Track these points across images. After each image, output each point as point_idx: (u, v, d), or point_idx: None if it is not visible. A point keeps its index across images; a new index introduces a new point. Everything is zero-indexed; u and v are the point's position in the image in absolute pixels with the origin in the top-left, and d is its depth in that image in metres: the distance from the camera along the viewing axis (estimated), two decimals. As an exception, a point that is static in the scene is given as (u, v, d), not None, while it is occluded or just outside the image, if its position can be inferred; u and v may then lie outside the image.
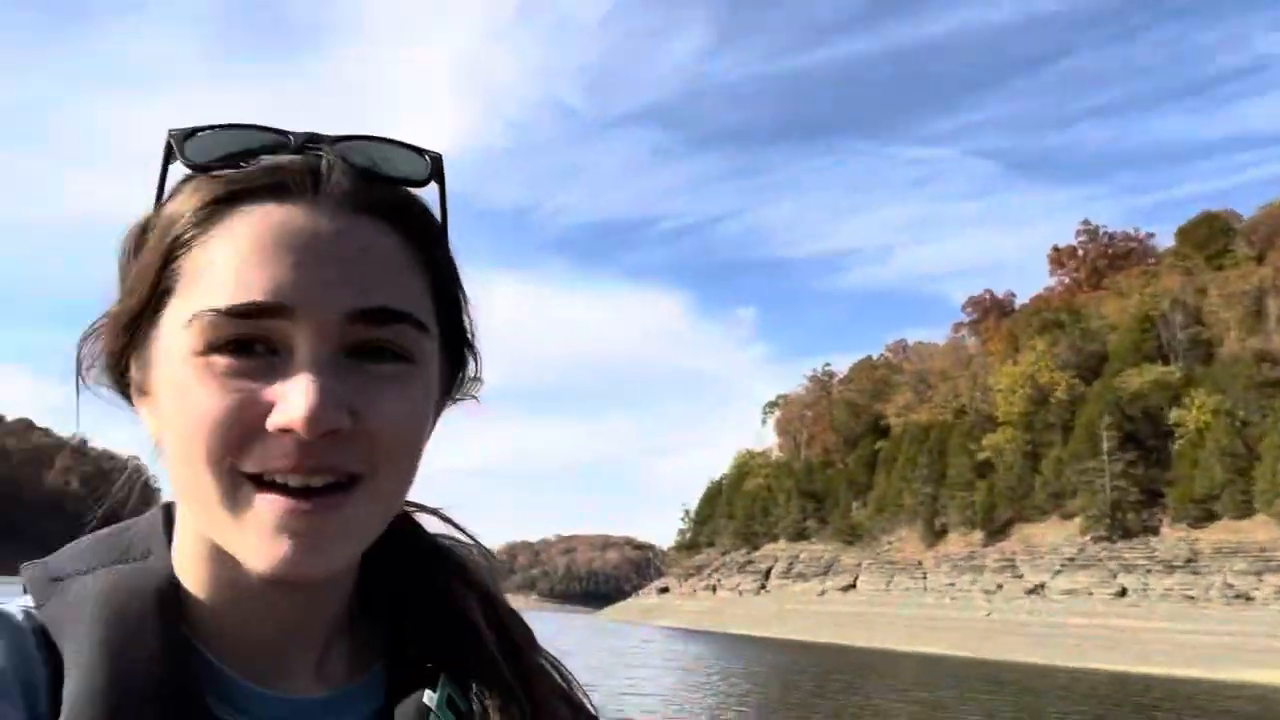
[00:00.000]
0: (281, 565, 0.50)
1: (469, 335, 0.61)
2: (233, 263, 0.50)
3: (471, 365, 0.62)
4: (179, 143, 0.53)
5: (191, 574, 0.56)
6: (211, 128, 0.53)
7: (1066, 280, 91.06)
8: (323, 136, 0.54)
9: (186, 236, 0.52)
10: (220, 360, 0.50)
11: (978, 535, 71.75)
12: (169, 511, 0.59)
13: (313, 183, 0.52)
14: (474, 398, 0.63)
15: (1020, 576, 65.13)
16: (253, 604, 0.55)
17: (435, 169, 0.56)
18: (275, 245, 0.50)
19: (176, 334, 0.51)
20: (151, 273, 0.52)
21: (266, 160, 0.53)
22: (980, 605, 63.18)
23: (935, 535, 75.23)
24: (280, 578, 0.51)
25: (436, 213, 0.58)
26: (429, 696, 0.58)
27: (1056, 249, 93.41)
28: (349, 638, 0.61)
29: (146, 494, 0.62)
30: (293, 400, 0.49)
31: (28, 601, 0.54)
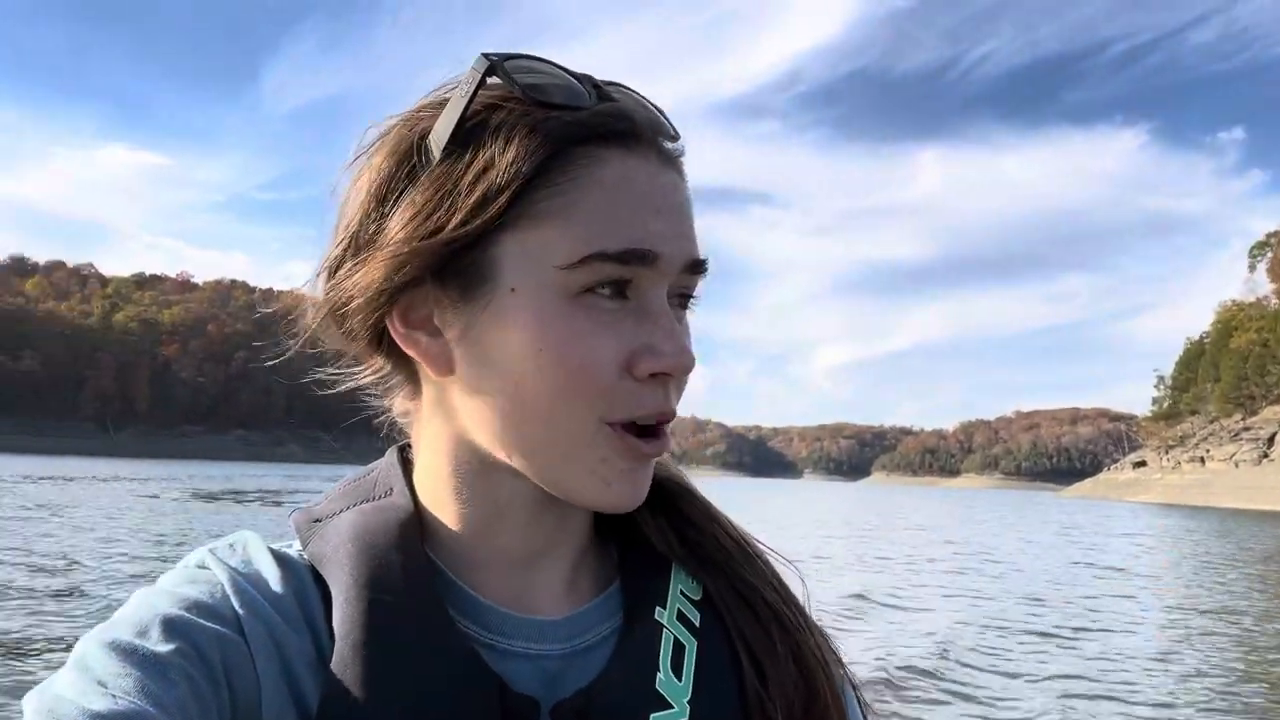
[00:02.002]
0: (619, 501, 0.56)
1: None
2: (605, 207, 0.52)
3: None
4: (504, 72, 0.54)
5: (441, 508, 0.60)
6: (532, 58, 0.55)
7: None
8: (607, 81, 0.57)
9: (539, 171, 0.52)
10: (601, 303, 0.53)
11: None
12: (404, 453, 0.65)
13: (648, 133, 0.55)
14: None
15: None
16: (510, 533, 0.59)
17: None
18: (640, 194, 0.53)
19: (540, 272, 0.52)
20: (497, 205, 0.52)
21: (609, 107, 0.55)
22: None
23: None
24: (625, 509, 0.57)
25: None
26: (659, 613, 0.61)
27: None
28: (589, 560, 0.65)
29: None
30: (666, 348, 0.53)
31: (297, 544, 0.61)
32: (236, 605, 0.53)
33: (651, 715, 0.57)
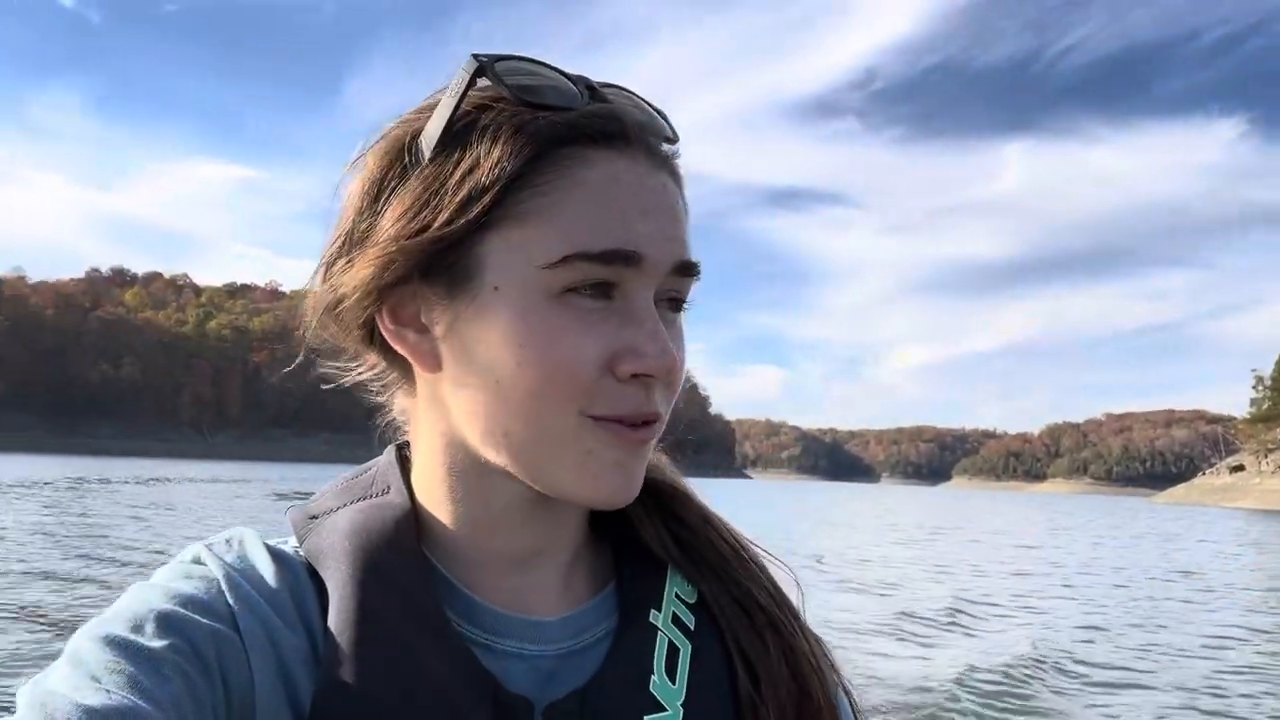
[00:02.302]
0: (610, 495, 0.55)
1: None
2: (588, 208, 0.52)
3: None
4: (493, 74, 0.54)
5: (437, 506, 0.60)
6: (523, 60, 0.54)
7: None
8: (600, 83, 0.56)
9: (523, 172, 0.52)
10: (583, 302, 0.53)
11: None
12: (401, 451, 0.65)
13: (638, 134, 0.55)
14: None
15: None
16: (505, 533, 0.59)
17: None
18: (627, 195, 0.53)
19: (522, 271, 0.52)
20: (481, 204, 0.52)
21: (599, 108, 0.54)
22: None
23: None
24: (614, 505, 0.56)
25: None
26: (654, 616, 0.62)
27: None
28: (584, 561, 0.65)
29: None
30: (649, 349, 0.53)
31: (293, 541, 0.61)
32: (231, 601, 0.53)
33: (645, 718, 0.57)
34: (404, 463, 0.64)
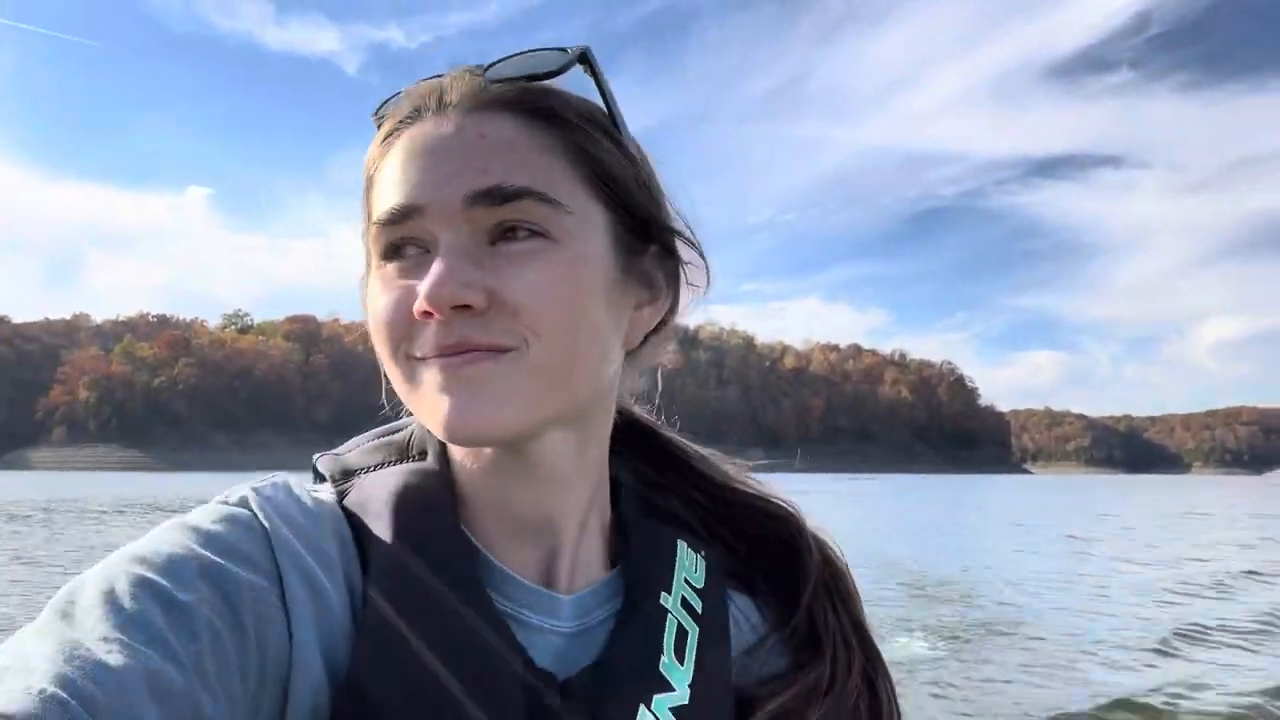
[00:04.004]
0: (447, 426, 0.56)
1: (666, 224, 0.64)
2: (385, 183, 0.59)
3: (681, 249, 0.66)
4: (380, 105, 0.63)
5: (462, 473, 0.64)
6: (400, 92, 0.62)
7: None
8: (476, 66, 0.61)
9: (371, 171, 0.61)
10: (386, 265, 0.58)
11: None
12: None
13: (438, 101, 0.59)
14: (694, 285, 0.68)
15: None
16: (491, 493, 0.62)
17: (571, 60, 0.60)
18: (409, 158, 0.58)
19: (369, 253, 0.61)
20: (365, 221, 0.61)
21: (394, 99, 0.61)
22: None
23: None
24: (451, 439, 0.57)
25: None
26: (664, 598, 0.65)
27: None
28: (593, 538, 0.67)
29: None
30: (422, 289, 0.55)
31: (329, 490, 0.63)
32: (276, 554, 0.54)
33: (654, 696, 0.60)
34: None
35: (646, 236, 0.64)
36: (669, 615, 0.64)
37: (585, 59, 0.60)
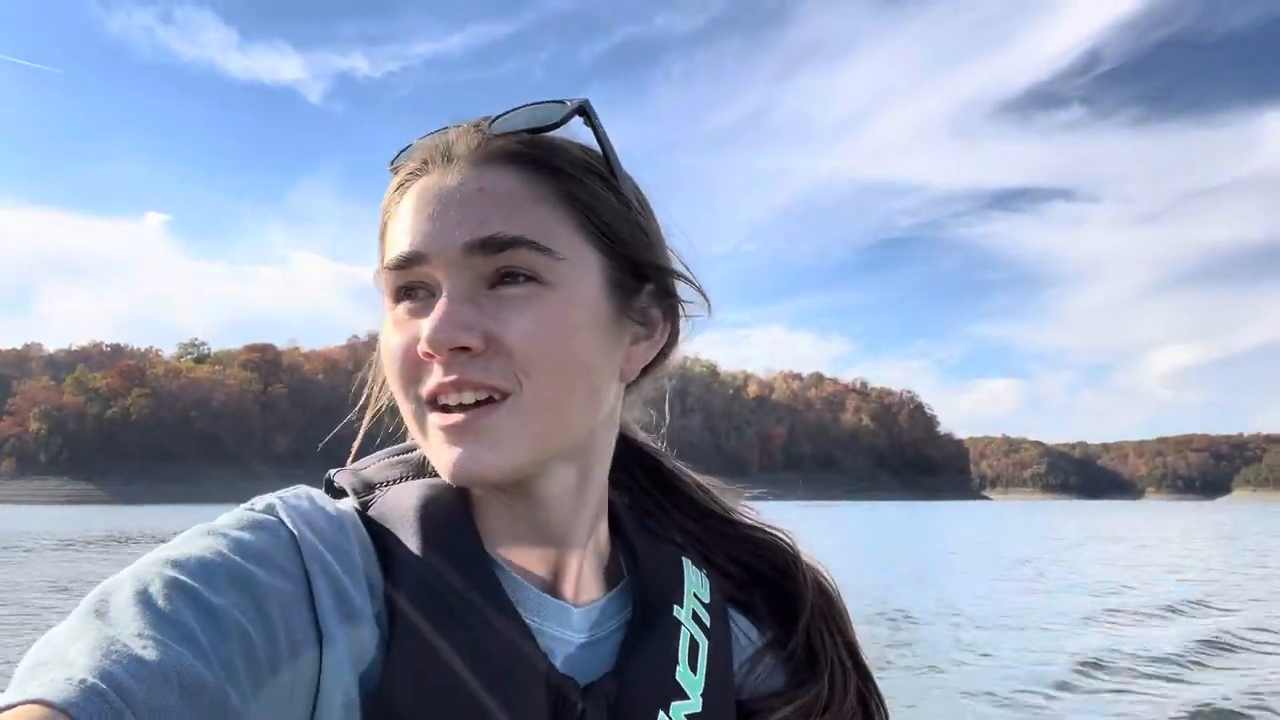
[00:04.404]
0: (452, 470, 0.60)
1: (661, 265, 0.68)
2: (396, 230, 0.63)
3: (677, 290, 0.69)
4: (395, 155, 0.67)
5: (471, 491, 0.66)
6: (413, 142, 0.66)
7: None
8: (483, 119, 0.65)
9: (385, 217, 0.65)
10: (397, 306, 0.63)
11: None
12: None
13: (444, 155, 0.63)
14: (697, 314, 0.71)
15: None
16: (502, 513, 0.65)
17: (569, 114, 0.63)
18: (417, 207, 0.62)
19: (381, 295, 0.65)
20: (379, 250, 0.66)
21: (413, 146, 0.66)
22: None
23: None
24: (456, 481, 0.61)
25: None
26: (677, 610, 0.68)
27: None
28: (597, 553, 0.70)
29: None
30: (426, 331, 0.59)
31: (352, 502, 0.66)
32: (305, 560, 0.55)
33: (673, 703, 0.63)
34: None
35: (641, 276, 0.66)
36: (682, 627, 0.67)
37: (584, 111, 0.63)
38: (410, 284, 0.62)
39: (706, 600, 0.71)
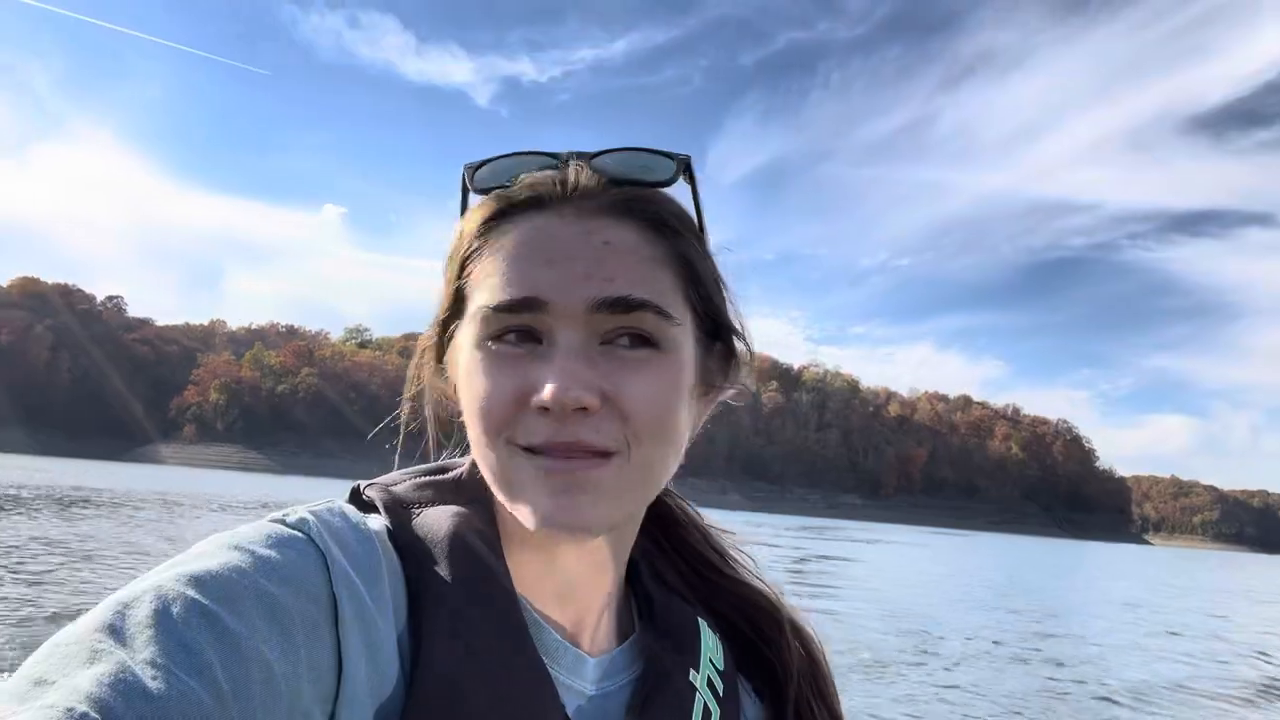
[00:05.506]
0: (547, 517, 0.58)
1: (732, 326, 0.68)
2: (502, 267, 0.60)
3: (743, 352, 0.69)
4: (470, 173, 0.65)
5: (505, 525, 0.65)
6: (496, 158, 0.64)
7: None
8: (585, 153, 0.63)
9: (473, 249, 0.63)
10: (495, 348, 0.60)
11: None
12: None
13: (561, 192, 0.61)
14: (743, 385, 0.70)
15: None
16: (539, 554, 0.65)
17: (680, 170, 0.63)
18: (532, 249, 0.60)
19: (466, 329, 0.63)
20: (452, 282, 0.64)
21: (525, 177, 0.63)
22: None
23: None
24: (547, 528, 0.58)
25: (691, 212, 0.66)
26: (693, 675, 0.67)
27: None
28: (615, 602, 0.70)
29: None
30: (545, 382, 0.57)
31: (382, 521, 0.63)
32: (334, 584, 0.53)
33: None
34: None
35: (716, 334, 0.67)
36: (696, 693, 0.66)
37: (688, 168, 0.64)
38: (516, 326, 0.60)
39: (721, 668, 0.70)
